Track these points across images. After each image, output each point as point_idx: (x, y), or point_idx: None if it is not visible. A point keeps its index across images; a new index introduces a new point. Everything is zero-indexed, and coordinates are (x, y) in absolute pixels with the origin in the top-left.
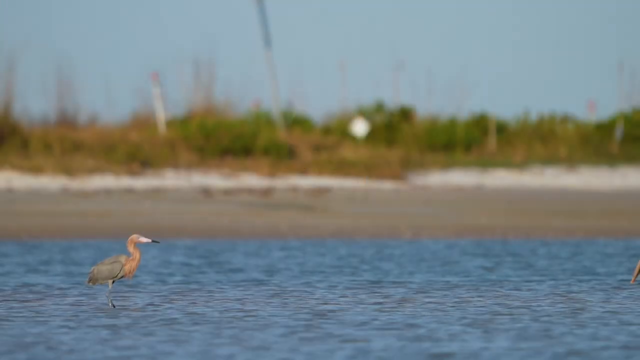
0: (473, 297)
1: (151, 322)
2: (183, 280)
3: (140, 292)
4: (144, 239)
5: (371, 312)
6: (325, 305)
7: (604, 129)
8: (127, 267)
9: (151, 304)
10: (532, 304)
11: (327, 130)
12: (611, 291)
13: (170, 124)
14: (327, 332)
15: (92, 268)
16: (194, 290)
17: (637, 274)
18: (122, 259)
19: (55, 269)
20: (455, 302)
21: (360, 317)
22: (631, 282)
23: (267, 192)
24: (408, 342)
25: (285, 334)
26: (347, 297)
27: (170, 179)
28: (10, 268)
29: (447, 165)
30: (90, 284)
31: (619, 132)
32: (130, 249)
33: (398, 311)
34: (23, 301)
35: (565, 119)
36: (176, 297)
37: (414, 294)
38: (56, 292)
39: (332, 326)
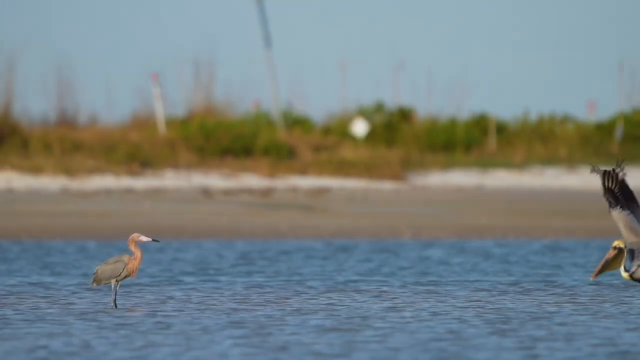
0: None
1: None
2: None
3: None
4: (144, 238)
5: None
6: None
7: (604, 129)
8: (130, 267)
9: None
10: None
11: (327, 131)
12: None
13: (170, 124)
14: None
15: (96, 268)
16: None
17: (599, 271)
18: (125, 258)
19: (56, 269)
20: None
21: None
22: (591, 279)
23: (267, 192)
24: None
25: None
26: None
27: (170, 179)
28: (10, 268)
29: (447, 166)
30: (95, 284)
31: (619, 132)
32: (132, 248)
33: None
34: (26, 302)
35: (565, 119)
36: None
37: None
38: (57, 292)
39: None
